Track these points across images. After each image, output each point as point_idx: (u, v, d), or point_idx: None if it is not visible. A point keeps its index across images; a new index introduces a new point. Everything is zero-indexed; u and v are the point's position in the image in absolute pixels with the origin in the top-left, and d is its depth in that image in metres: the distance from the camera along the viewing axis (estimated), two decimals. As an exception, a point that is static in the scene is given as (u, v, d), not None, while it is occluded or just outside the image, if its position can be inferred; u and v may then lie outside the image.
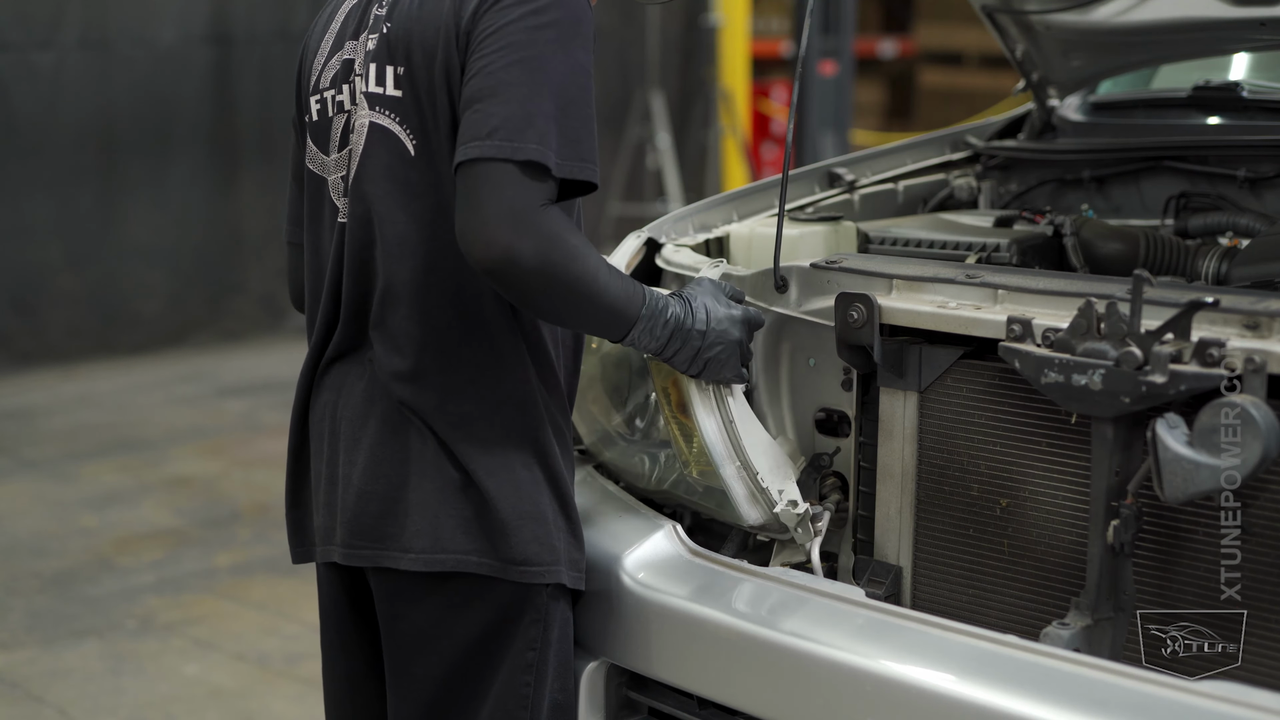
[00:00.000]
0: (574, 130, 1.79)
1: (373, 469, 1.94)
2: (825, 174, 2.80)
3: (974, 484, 1.97)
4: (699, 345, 1.96)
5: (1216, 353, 1.68)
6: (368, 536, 1.95)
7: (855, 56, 8.69)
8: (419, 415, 1.92)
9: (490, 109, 1.76)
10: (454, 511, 1.91)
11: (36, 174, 6.89)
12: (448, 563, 1.90)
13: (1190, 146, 2.74)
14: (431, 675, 1.96)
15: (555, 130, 1.77)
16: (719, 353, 1.98)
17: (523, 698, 1.94)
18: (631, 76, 8.87)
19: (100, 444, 5.87)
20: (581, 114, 1.80)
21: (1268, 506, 1.71)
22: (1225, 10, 2.58)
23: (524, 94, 1.76)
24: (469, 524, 1.90)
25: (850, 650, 1.80)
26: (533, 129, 1.75)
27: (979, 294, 1.96)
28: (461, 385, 1.91)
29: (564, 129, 1.78)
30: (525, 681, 1.93)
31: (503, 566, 1.90)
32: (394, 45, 1.90)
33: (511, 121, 1.75)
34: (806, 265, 2.11)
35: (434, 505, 1.91)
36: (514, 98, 1.76)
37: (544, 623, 1.93)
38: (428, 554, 1.91)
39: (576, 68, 1.80)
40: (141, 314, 7.31)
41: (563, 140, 1.77)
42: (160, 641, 4.03)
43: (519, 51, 1.77)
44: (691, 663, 1.95)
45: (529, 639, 1.93)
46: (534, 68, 1.77)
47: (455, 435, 1.90)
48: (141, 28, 7.15)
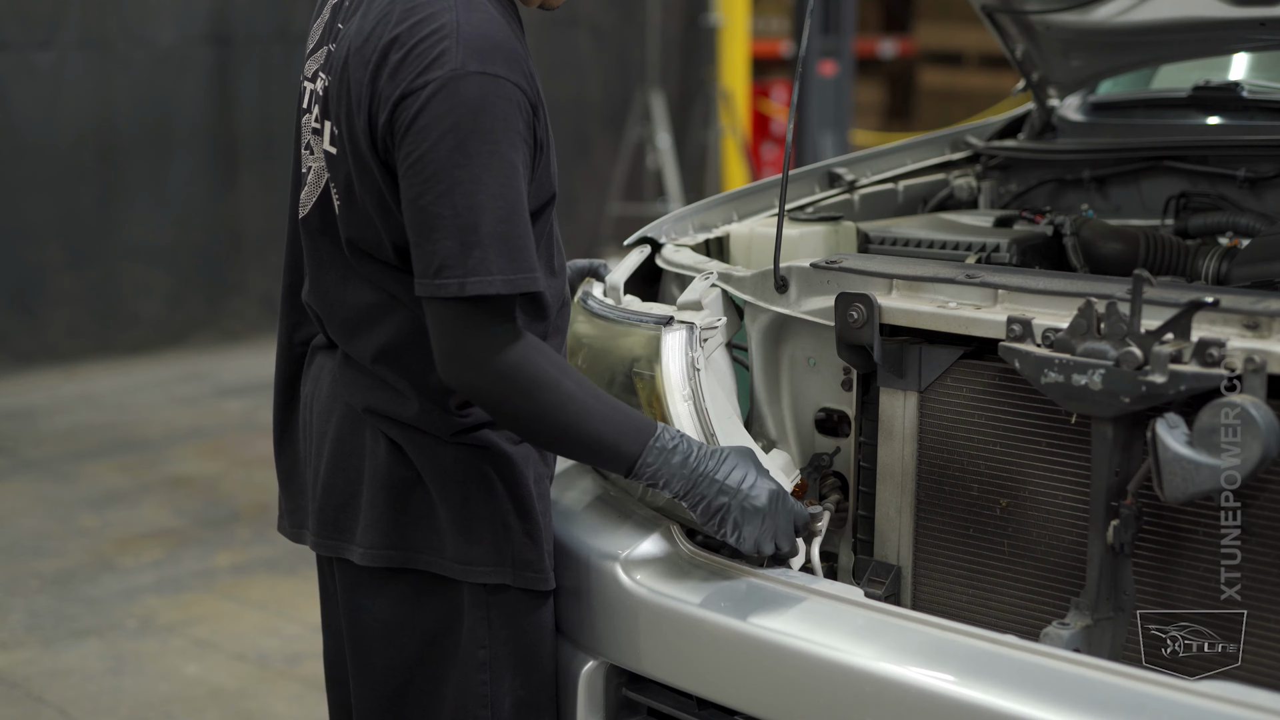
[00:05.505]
0: (515, 241, 1.79)
1: (334, 463, 2.00)
2: (825, 174, 2.80)
3: (974, 484, 1.97)
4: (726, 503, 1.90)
5: (1216, 353, 1.68)
6: (330, 528, 2.02)
7: (855, 56, 8.69)
8: (371, 415, 1.96)
9: (430, 246, 1.78)
10: (404, 509, 1.96)
11: (36, 174, 6.89)
12: (395, 559, 1.96)
13: (1190, 146, 2.74)
14: (391, 667, 2.01)
15: (497, 250, 1.77)
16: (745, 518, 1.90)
17: (481, 696, 1.97)
18: (631, 76, 8.87)
19: (100, 444, 5.87)
20: (519, 220, 1.79)
21: (1268, 506, 1.70)
22: (1225, 10, 2.57)
23: (459, 225, 1.76)
24: (418, 522, 1.95)
25: (850, 650, 1.79)
26: (472, 259, 1.76)
27: (979, 294, 1.96)
28: (411, 389, 1.94)
29: (506, 245, 1.78)
30: (481, 680, 1.97)
31: (447, 565, 1.95)
32: (334, 99, 1.90)
33: (452, 258, 1.76)
34: (806, 265, 2.11)
35: (384, 502, 1.96)
36: (449, 230, 1.76)
37: (490, 622, 1.96)
38: (376, 549, 1.97)
39: (505, 171, 1.77)
40: (141, 314, 7.31)
41: (506, 257, 1.77)
42: (160, 641, 4.02)
43: (444, 180, 1.76)
44: (691, 663, 1.95)
45: (477, 637, 1.96)
46: (464, 192, 1.76)
47: (404, 436, 1.94)
48: (141, 28, 7.14)
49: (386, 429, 1.95)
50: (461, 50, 1.76)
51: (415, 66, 1.77)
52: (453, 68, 1.75)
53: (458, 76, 1.75)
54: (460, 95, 1.75)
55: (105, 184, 7.13)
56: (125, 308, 7.25)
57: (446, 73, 1.75)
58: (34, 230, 6.92)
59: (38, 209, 6.92)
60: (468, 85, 1.75)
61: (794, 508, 1.96)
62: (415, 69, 1.77)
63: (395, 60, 1.79)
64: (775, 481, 1.95)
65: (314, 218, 2.00)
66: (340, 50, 1.89)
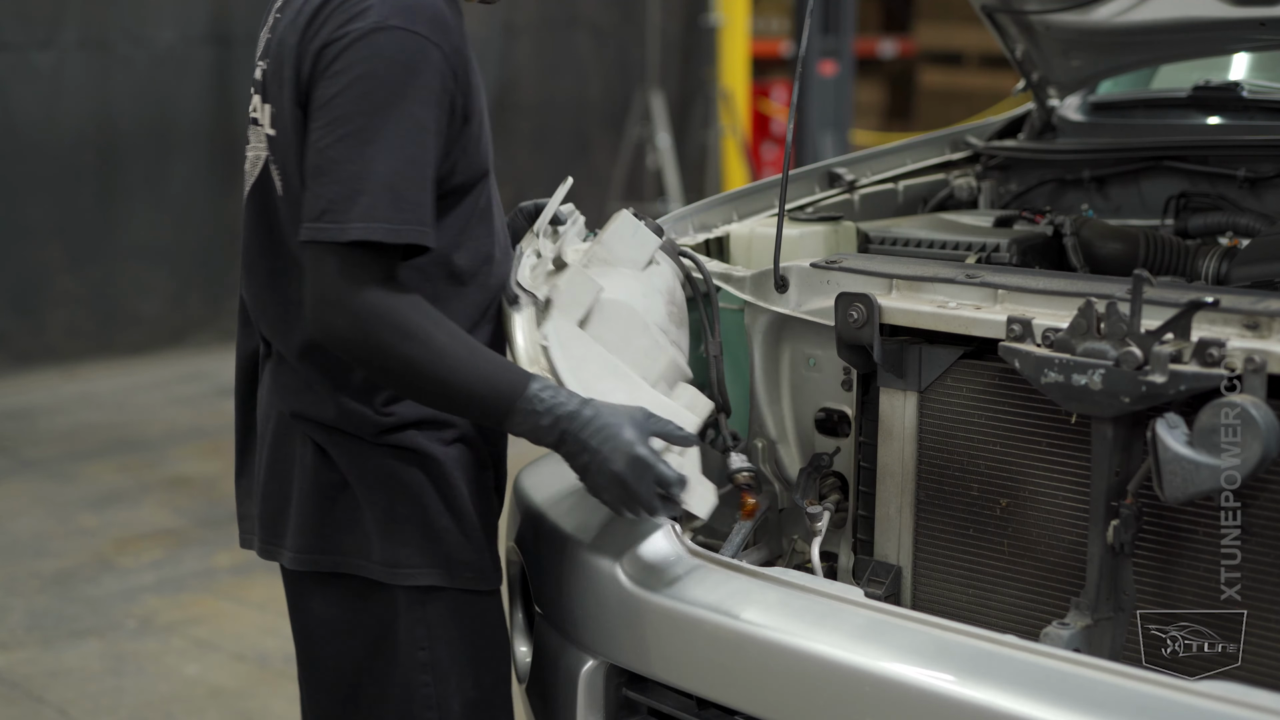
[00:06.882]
0: (407, 194, 1.78)
1: (270, 468, 2.02)
2: (825, 174, 2.80)
3: (974, 484, 1.97)
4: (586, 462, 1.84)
5: (1216, 353, 1.68)
6: (269, 532, 2.04)
7: (855, 56, 8.69)
8: (298, 419, 1.97)
9: (319, 189, 1.78)
10: (331, 513, 1.96)
11: (36, 174, 6.89)
12: (323, 563, 1.97)
13: (1190, 146, 2.74)
14: (337, 669, 2.02)
15: (387, 199, 1.76)
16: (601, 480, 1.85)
17: (425, 698, 1.97)
18: (631, 76, 8.87)
19: (100, 444, 5.87)
20: (417, 174, 1.79)
21: (1268, 506, 1.71)
22: (1225, 10, 2.58)
23: (352, 170, 1.77)
24: (345, 526, 1.95)
25: (850, 650, 1.79)
26: (358, 206, 1.76)
27: (979, 294, 1.96)
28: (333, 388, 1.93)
29: (397, 195, 1.77)
30: (424, 681, 1.97)
31: (374, 568, 1.95)
32: (270, 79, 1.92)
33: (338, 202, 1.76)
34: (806, 265, 2.11)
35: (312, 506, 1.97)
36: (341, 176, 1.77)
37: (427, 623, 1.96)
38: (304, 554, 1.98)
39: (410, 125, 1.78)
40: (141, 314, 7.31)
41: (394, 207, 1.77)
42: (160, 641, 4.03)
43: (347, 125, 1.77)
44: (690, 663, 1.95)
45: (415, 638, 1.96)
46: (363, 140, 1.77)
47: (329, 439, 1.95)
48: (141, 28, 7.14)
49: (312, 433, 1.95)
50: (386, 6, 1.80)
51: (339, 18, 1.82)
52: (375, 20, 1.79)
53: (379, 29, 1.79)
54: (377, 45, 1.78)
55: (105, 184, 7.13)
56: (125, 308, 7.25)
57: (369, 24, 1.79)
58: (34, 230, 6.92)
59: (38, 209, 6.92)
60: (387, 37, 1.78)
61: (657, 474, 1.84)
62: (339, 21, 1.81)
63: (323, 17, 1.83)
64: (644, 448, 1.84)
65: (250, 209, 2.00)
66: (276, 33, 1.92)
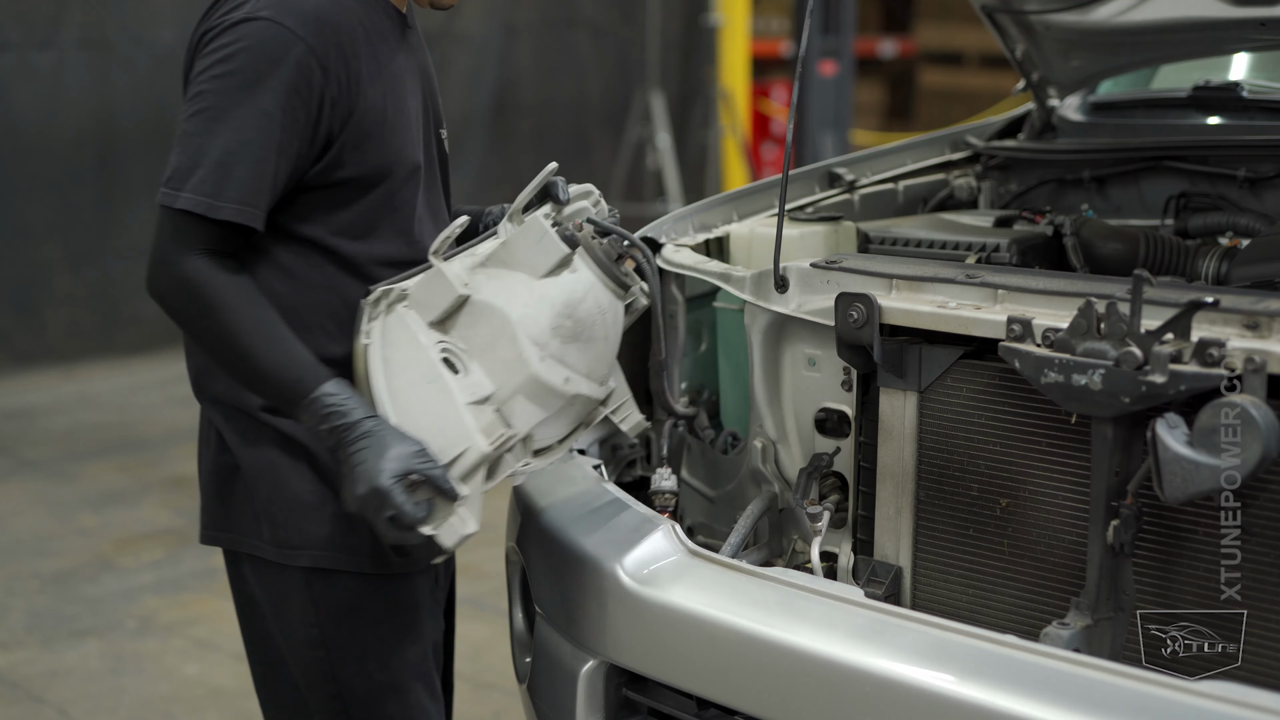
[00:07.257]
0: (236, 174, 1.89)
1: (197, 451, 2.14)
2: (825, 174, 2.80)
3: (974, 484, 1.97)
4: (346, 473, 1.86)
5: (1216, 353, 1.68)
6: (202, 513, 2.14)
7: (855, 56, 8.68)
8: (203, 401, 2.08)
9: (172, 157, 1.92)
10: (229, 494, 2.07)
11: (36, 174, 6.88)
12: (224, 541, 2.10)
13: (1190, 146, 2.74)
14: (255, 642, 2.15)
15: (216, 176, 1.89)
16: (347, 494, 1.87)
17: (323, 673, 2.06)
18: (631, 76, 8.86)
19: (100, 444, 5.87)
20: (251, 158, 1.89)
21: (1268, 506, 1.71)
22: (1225, 10, 2.58)
23: (197, 144, 1.90)
24: (241, 507, 2.06)
25: (850, 650, 1.79)
26: (193, 178, 1.89)
27: (979, 294, 1.96)
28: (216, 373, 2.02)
29: (225, 174, 1.88)
30: (317, 657, 2.06)
31: (265, 548, 2.04)
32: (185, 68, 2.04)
33: (180, 171, 1.90)
34: (806, 265, 2.11)
35: (214, 487, 2.09)
36: (188, 148, 1.91)
37: (315, 602, 2.03)
38: (209, 531, 2.11)
39: (256, 112, 1.89)
40: (141, 314, 7.30)
41: (220, 185, 1.88)
42: (160, 641, 4.03)
43: (203, 101, 1.91)
44: (690, 663, 1.95)
45: (304, 615, 2.04)
46: (212, 117, 1.90)
47: (224, 421, 2.05)
48: (141, 28, 7.14)
49: (211, 415, 2.06)
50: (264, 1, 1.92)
51: (224, 9, 1.95)
52: (248, 11, 1.92)
53: (249, 19, 1.91)
54: (242, 33, 1.91)
55: (105, 184, 7.13)
56: (125, 308, 7.25)
57: (241, 14, 1.92)
58: (34, 230, 6.91)
59: (37, 209, 6.92)
60: (253, 28, 1.90)
61: (395, 507, 1.82)
62: (222, 10, 1.95)
63: (214, 8, 1.98)
64: (390, 480, 1.82)
65: None
66: None
